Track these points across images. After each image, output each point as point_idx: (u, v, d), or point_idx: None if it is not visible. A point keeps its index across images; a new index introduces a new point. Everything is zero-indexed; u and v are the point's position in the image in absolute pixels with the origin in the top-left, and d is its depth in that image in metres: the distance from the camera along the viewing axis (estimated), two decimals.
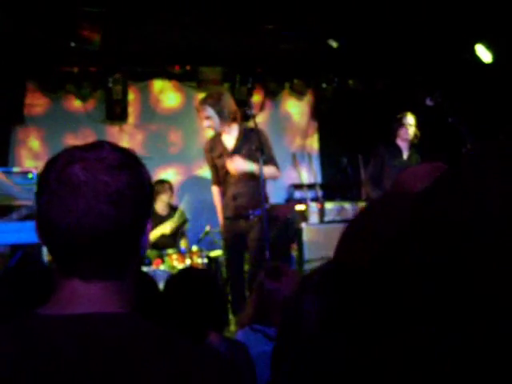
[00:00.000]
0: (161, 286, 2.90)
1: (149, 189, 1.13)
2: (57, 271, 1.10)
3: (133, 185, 1.07)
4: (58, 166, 1.06)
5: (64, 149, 1.11)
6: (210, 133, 5.39)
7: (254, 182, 4.80)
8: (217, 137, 5.11)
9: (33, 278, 2.05)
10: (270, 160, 4.91)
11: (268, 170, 4.87)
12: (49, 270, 2.05)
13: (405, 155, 5.90)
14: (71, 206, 1.02)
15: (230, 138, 5.04)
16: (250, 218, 4.91)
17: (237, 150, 4.95)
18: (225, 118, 4.91)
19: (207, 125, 4.98)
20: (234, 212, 4.99)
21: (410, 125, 5.83)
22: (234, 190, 4.97)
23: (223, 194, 5.12)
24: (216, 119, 4.89)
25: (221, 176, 5.09)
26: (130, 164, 1.09)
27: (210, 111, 4.86)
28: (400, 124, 5.87)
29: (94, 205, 1.02)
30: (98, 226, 1.03)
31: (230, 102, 5.01)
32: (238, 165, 4.84)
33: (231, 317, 4.66)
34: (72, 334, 0.99)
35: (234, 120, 5.01)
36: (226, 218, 5.10)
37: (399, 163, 5.76)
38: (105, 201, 1.03)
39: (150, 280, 2.36)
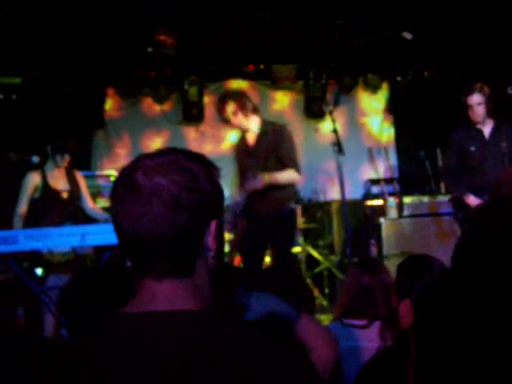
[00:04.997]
0: None
1: (211, 192, 1.15)
2: (133, 272, 1.15)
3: (191, 188, 1.10)
4: (125, 173, 1.13)
5: (135, 157, 1.17)
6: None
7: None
8: (242, 133, 4.95)
9: (117, 279, 2.14)
10: (288, 162, 4.67)
11: (285, 175, 4.66)
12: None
13: (487, 137, 5.16)
14: (130, 210, 1.08)
15: (251, 134, 4.84)
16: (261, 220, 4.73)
17: (256, 148, 4.77)
18: (247, 113, 4.69)
19: (235, 122, 4.74)
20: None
21: (478, 104, 5.05)
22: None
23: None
24: (241, 115, 4.68)
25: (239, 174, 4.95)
26: (190, 168, 1.12)
27: (233, 107, 4.65)
28: (466, 106, 5.12)
29: (148, 208, 1.07)
30: (153, 228, 1.07)
31: (249, 97, 4.86)
32: (250, 187, 4.65)
33: None
34: (150, 330, 1.03)
35: (253, 114, 4.77)
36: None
37: (482, 146, 5.13)
38: (160, 204, 1.07)
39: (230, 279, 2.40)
